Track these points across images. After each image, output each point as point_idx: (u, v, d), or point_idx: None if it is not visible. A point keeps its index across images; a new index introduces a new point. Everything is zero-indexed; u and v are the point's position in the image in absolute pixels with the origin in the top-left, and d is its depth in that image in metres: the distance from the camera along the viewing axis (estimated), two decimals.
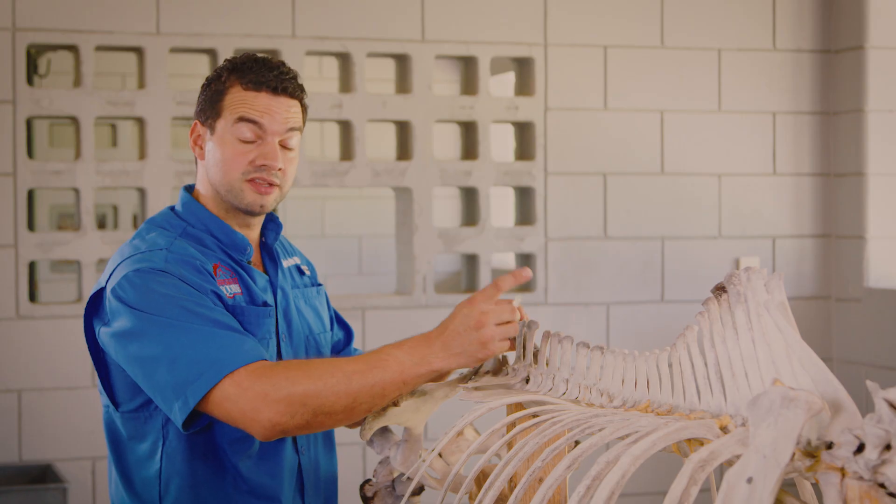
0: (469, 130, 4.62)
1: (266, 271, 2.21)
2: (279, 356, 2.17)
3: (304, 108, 2.18)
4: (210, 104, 2.14)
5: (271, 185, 2.12)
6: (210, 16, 4.29)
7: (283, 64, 2.17)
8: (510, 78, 4.89)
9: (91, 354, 2.12)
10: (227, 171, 2.11)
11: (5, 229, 4.11)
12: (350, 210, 7.40)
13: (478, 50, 4.54)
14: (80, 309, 4.17)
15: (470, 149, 4.61)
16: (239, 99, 2.11)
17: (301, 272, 2.33)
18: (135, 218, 7.04)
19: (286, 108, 2.13)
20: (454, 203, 6.90)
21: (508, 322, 1.98)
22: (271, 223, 2.25)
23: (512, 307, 1.99)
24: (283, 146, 2.13)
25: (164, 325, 1.97)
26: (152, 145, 4.23)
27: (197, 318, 1.98)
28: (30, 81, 4.23)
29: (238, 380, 1.91)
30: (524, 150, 4.68)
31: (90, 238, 4.17)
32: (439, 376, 2.27)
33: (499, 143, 4.91)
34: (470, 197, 4.64)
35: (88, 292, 4.14)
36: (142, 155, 4.26)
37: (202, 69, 5.68)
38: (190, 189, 2.22)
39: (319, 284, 2.38)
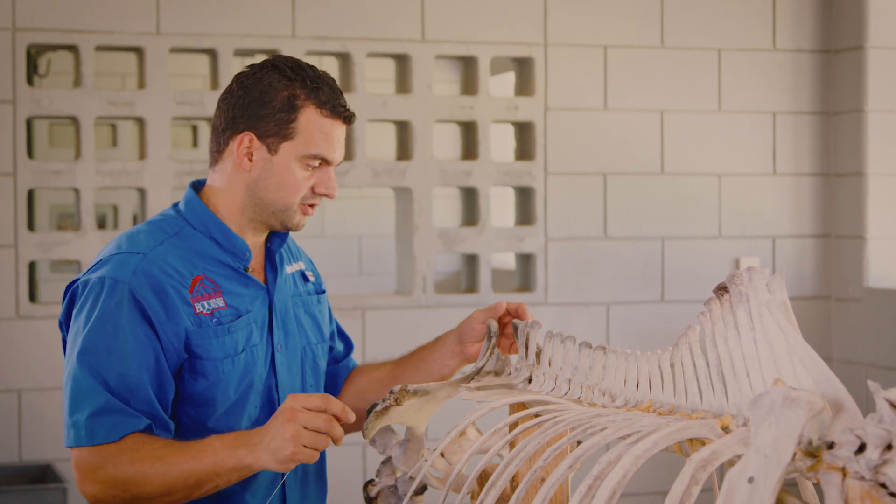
0: (469, 130, 4.62)
1: (266, 279, 2.19)
2: (273, 366, 2.16)
3: None
4: (277, 123, 2.08)
5: (315, 207, 2.14)
6: (210, 16, 4.29)
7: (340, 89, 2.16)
8: (510, 78, 4.89)
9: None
10: (289, 195, 2.10)
11: (5, 229, 4.11)
12: (350, 210, 7.40)
13: (478, 50, 4.55)
14: None
15: (470, 149, 4.61)
16: (314, 125, 2.08)
17: (305, 278, 2.30)
18: (135, 218, 7.04)
19: (344, 136, 2.15)
20: (454, 203, 6.90)
21: (320, 432, 1.89)
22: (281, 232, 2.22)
23: (328, 418, 1.89)
24: None
25: (77, 362, 2.00)
26: (152, 145, 4.24)
27: (106, 368, 1.99)
28: (30, 81, 4.23)
29: (82, 454, 1.99)
30: (524, 150, 4.68)
31: (90, 238, 4.17)
32: (440, 379, 2.27)
33: (499, 143, 4.91)
34: (470, 197, 4.64)
35: None
36: (142, 155, 4.26)
37: (202, 69, 5.69)
38: (198, 186, 2.18)
39: (322, 291, 2.35)
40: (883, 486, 1.20)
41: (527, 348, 2.05)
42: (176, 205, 2.18)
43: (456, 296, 4.59)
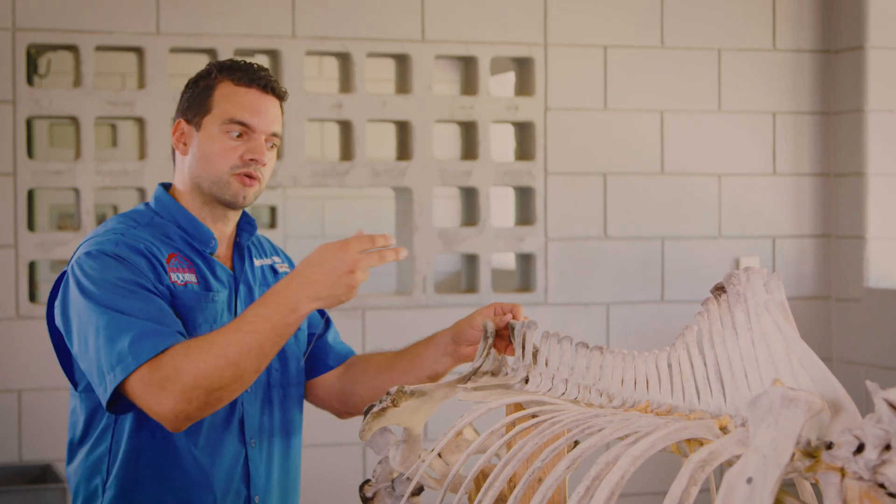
0: (469, 130, 4.62)
1: (233, 268, 2.28)
2: None
3: (282, 112, 2.28)
4: (198, 101, 2.23)
5: (253, 178, 2.20)
6: (210, 16, 4.29)
7: (268, 70, 2.27)
8: (510, 78, 4.89)
9: (51, 337, 2.22)
10: (216, 164, 2.20)
11: (5, 229, 4.11)
12: (350, 210, 7.40)
13: (478, 50, 4.54)
14: None
15: (470, 149, 4.61)
16: (229, 94, 2.21)
17: (275, 272, 2.38)
18: None
19: (273, 106, 2.24)
20: (454, 203, 6.89)
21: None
22: (246, 224, 2.32)
23: (380, 255, 2.03)
24: (266, 145, 2.22)
25: (98, 311, 2.07)
26: (152, 145, 4.24)
27: (127, 305, 2.07)
28: (30, 81, 4.23)
29: (141, 375, 2.02)
30: (524, 150, 4.68)
31: None
32: (435, 376, 2.28)
33: (499, 143, 4.90)
34: (470, 197, 4.64)
35: None
36: (142, 155, 4.26)
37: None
38: (166, 186, 2.31)
39: None
40: (881, 486, 1.19)
41: (523, 348, 2.05)
42: (147, 203, 2.31)
43: (456, 296, 4.59)
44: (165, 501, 2.18)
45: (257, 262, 2.34)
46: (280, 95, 2.24)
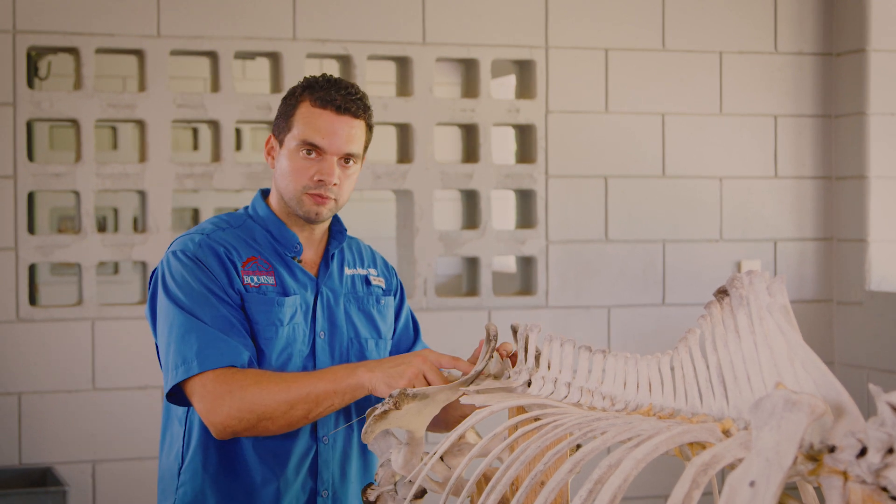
0: (470, 133, 4.62)
1: (319, 273, 2.41)
2: (314, 352, 2.37)
3: (368, 127, 2.37)
4: (283, 119, 2.36)
5: (325, 197, 2.32)
6: (211, 18, 4.29)
7: (354, 85, 2.36)
8: (511, 81, 4.89)
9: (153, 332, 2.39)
10: (291, 182, 2.33)
11: (5, 232, 4.11)
12: (351, 213, 7.39)
13: (479, 52, 4.54)
14: (80, 312, 4.18)
15: (471, 151, 4.61)
16: (306, 115, 2.32)
17: (367, 282, 2.50)
18: (135, 220, 7.04)
19: (348, 127, 2.32)
20: (455, 206, 6.89)
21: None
22: (339, 234, 2.46)
23: (439, 364, 2.17)
24: (342, 163, 2.33)
25: (175, 311, 2.27)
26: (153, 148, 4.23)
27: (200, 310, 2.26)
28: (30, 84, 4.23)
29: (204, 381, 2.21)
30: (525, 152, 4.67)
31: (90, 241, 4.17)
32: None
33: (500, 145, 4.90)
34: (471, 200, 4.64)
35: (89, 295, 4.16)
36: (142, 157, 4.26)
37: (203, 72, 5.69)
38: (265, 192, 2.46)
39: (390, 295, 2.55)
40: (884, 489, 1.19)
41: (526, 352, 2.05)
42: (247, 207, 2.48)
43: (457, 299, 4.59)
44: (232, 491, 2.33)
45: (348, 271, 2.46)
46: (358, 115, 2.32)
